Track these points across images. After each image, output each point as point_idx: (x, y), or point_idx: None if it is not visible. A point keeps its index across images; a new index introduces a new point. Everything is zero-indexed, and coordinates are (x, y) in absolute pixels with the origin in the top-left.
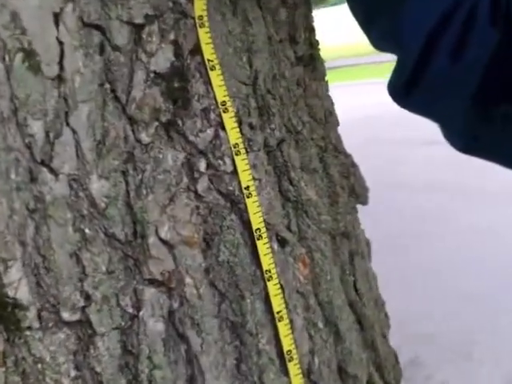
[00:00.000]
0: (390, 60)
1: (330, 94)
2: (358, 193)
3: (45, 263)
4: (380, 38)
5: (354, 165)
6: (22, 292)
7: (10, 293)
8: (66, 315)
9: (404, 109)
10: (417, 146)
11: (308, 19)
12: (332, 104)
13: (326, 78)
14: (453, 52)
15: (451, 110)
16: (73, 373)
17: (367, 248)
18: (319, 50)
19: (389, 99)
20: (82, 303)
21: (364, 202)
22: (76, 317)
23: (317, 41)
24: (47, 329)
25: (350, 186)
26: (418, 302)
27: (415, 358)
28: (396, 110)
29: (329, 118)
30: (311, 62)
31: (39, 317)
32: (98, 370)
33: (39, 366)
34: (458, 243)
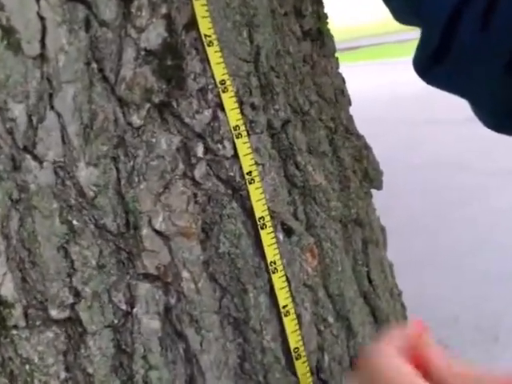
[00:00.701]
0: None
1: (363, 72)
2: (372, 177)
3: (30, 257)
4: (402, 9)
5: (367, 147)
6: (6, 288)
7: None
8: (54, 313)
9: (430, 84)
10: (448, 125)
11: None
12: (343, 82)
13: (336, 55)
14: (481, 19)
15: (481, 83)
16: (63, 374)
17: (382, 235)
18: (328, 23)
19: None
20: (71, 300)
21: (378, 187)
22: (65, 314)
23: (325, 14)
24: (34, 327)
25: (362, 170)
26: (446, 284)
27: (440, 340)
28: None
29: (339, 98)
30: (319, 36)
31: (26, 315)
32: (90, 370)
33: (27, 367)
34: (490, 225)
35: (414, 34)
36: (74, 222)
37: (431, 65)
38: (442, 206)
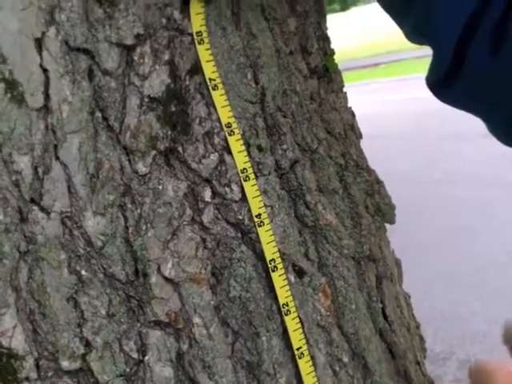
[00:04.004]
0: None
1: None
2: (384, 211)
3: (40, 309)
4: (414, 30)
5: (378, 181)
6: (17, 341)
7: (5, 342)
8: (65, 364)
9: (444, 103)
10: (469, 140)
11: (321, 27)
12: (353, 116)
13: (345, 90)
14: (492, 42)
15: (492, 103)
16: None
17: (397, 269)
18: (334, 59)
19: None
20: (81, 350)
21: (391, 221)
22: (76, 365)
23: (332, 50)
24: (46, 379)
25: (374, 205)
26: (473, 299)
27: (469, 357)
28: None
29: (348, 133)
30: (326, 73)
31: (37, 366)
32: None
33: None
34: None
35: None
36: (83, 272)
37: (443, 85)
38: (467, 220)
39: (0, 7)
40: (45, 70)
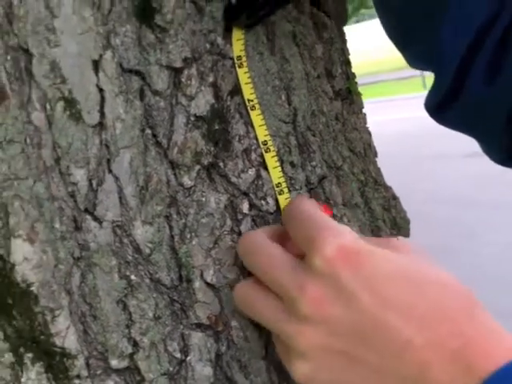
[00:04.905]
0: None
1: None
2: (400, 225)
3: (91, 311)
4: (416, 57)
5: (394, 197)
6: (69, 341)
7: (58, 342)
8: (114, 362)
9: (440, 124)
10: (448, 161)
11: (344, 53)
12: (370, 136)
13: (364, 111)
14: (487, 73)
15: (488, 127)
16: None
17: None
18: (356, 83)
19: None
20: (129, 350)
21: (406, 235)
22: (124, 364)
23: (353, 74)
24: (96, 377)
25: (391, 219)
26: None
27: None
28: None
29: (367, 151)
30: (348, 95)
31: (88, 365)
32: None
33: None
34: (495, 258)
35: (410, 72)
36: (132, 277)
37: (442, 108)
38: (447, 241)
39: (61, 31)
40: (101, 90)
